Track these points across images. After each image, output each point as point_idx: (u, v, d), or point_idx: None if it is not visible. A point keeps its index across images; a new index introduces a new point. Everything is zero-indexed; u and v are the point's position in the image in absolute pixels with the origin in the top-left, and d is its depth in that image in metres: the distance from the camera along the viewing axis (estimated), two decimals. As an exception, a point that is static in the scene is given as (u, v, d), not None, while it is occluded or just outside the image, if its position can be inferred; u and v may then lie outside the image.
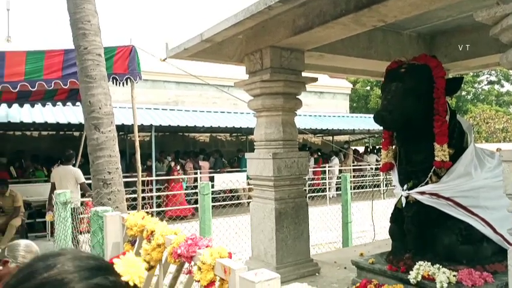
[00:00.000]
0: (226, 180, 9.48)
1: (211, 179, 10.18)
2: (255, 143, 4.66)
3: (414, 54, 3.95)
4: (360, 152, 17.16)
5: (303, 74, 4.58)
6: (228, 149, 15.44)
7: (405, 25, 4.73)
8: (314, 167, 13.23)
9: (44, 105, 8.91)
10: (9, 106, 8.76)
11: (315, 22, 3.59)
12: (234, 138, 16.23)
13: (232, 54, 4.79)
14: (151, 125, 10.47)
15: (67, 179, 6.83)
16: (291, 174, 4.36)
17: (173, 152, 12.62)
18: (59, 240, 3.57)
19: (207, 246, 1.75)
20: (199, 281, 1.63)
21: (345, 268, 4.49)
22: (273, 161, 4.22)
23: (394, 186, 3.89)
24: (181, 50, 4.52)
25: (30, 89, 6.12)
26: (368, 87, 28.87)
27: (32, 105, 8.98)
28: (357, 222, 7.25)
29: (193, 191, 10.90)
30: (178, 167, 10.79)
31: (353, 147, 18.42)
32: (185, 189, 11.21)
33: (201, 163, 11.88)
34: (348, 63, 5.28)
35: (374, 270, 3.66)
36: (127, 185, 6.25)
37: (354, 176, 13.40)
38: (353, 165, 14.64)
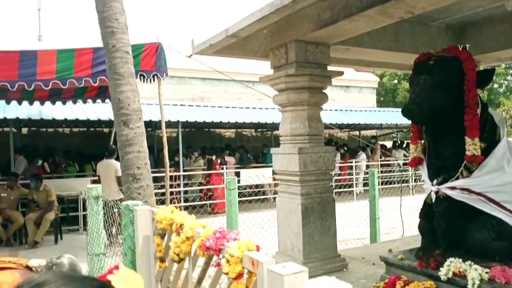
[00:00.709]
0: (252, 175, 9.52)
1: (237, 175, 10.25)
2: (280, 138, 4.66)
3: (443, 46, 3.84)
4: (388, 147, 16.87)
5: (329, 68, 4.54)
6: (253, 144, 15.49)
7: (433, 16, 4.61)
8: (341, 163, 13.11)
9: (75, 102, 9.19)
10: (42, 104, 9.08)
11: (340, 15, 3.55)
12: (259, 134, 16.25)
13: (257, 49, 4.79)
14: (178, 121, 10.62)
15: (109, 172, 7.28)
16: (317, 169, 4.34)
17: (200, 147, 12.76)
18: (92, 233, 3.68)
19: (234, 239, 1.77)
20: (227, 274, 1.66)
21: (373, 264, 4.44)
22: (299, 156, 4.21)
23: (423, 181, 3.81)
24: (207, 46, 4.55)
25: (62, 86, 6.32)
26: (396, 81, 28.28)
27: (64, 103, 9.27)
28: (385, 218, 7.15)
29: (220, 186, 11.01)
30: (219, 161, 11.00)
31: (381, 142, 18.14)
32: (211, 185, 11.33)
33: (227, 158, 11.98)
34: (375, 56, 5.20)
35: (403, 266, 3.61)
36: (155, 180, 6.37)
37: (381, 172, 13.20)
38: (381, 161, 14.41)
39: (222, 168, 11.21)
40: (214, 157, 11.86)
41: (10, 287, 2.30)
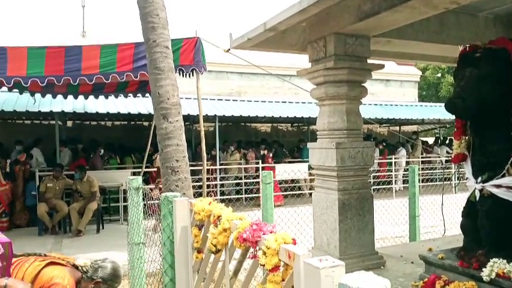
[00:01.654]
0: (288, 170, 9.49)
1: (272, 169, 10.26)
2: (317, 133, 4.62)
3: (491, 38, 3.67)
4: (430, 143, 16.33)
5: (369, 61, 4.44)
6: (288, 139, 15.44)
7: (480, 6, 4.39)
8: (380, 159, 12.83)
9: (116, 96, 9.49)
10: (86, 98, 9.43)
11: (382, 6, 3.45)
12: (295, 128, 16.17)
13: (294, 43, 4.75)
14: (215, 115, 10.74)
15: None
16: (355, 165, 4.27)
17: (236, 141, 12.87)
18: (132, 223, 3.80)
19: (271, 232, 1.78)
20: (263, 265, 1.66)
21: (412, 263, 4.33)
22: (336, 151, 4.16)
23: (467, 179, 3.67)
24: (245, 40, 4.57)
25: (105, 81, 6.54)
26: (439, 74, 27.24)
27: (106, 97, 9.60)
28: (425, 216, 6.94)
29: (255, 180, 11.08)
30: (271, 154, 11.13)
31: (422, 138, 17.59)
32: (247, 179, 11.43)
33: (263, 152, 12.00)
34: (418, 48, 5.02)
35: (444, 266, 3.50)
36: (192, 173, 6.50)
37: (422, 169, 12.83)
38: (422, 157, 13.98)
39: (258, 163, 11.27)
40: (250, 151, 11.94)
41: (61, 281, 2.45)
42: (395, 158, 12.83)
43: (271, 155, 11.36)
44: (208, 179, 9.11)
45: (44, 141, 10.34)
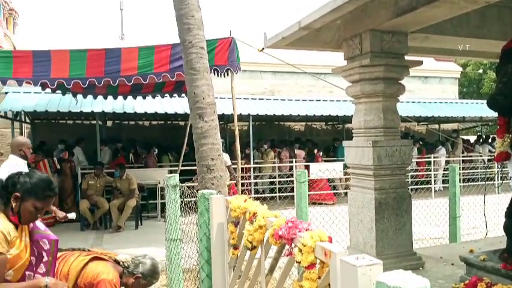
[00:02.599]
0: (322, 169, 9.42)
1: (306, 168, 10.21)
2: (353, 131, 4.56)
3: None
4: (471, 141, 15.73)
5: (406, 57, 4.34)
6: (323, 137, 15.30)
7: (526, -1, 4.20)
8: (418, 157, 12.49)
9: (154, 96, 9.73)
10: (125, 98, 9.73)
11: (420, 1, 3.37)
12: (330, 127, 16.00)
13: (329, 41, 4.71)
14: (249, 114, 10.81)
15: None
16: (393, 164, 4.19)
17: (269, 140, 12.89)
18: (169, 220, 3.89)
19: (306, 230, 1.78)
20: (299, 263, 1.67)
21: (452, 264, 4.20)
22: (373, 149, 4.09)
23: (510, 178, 3.52)
24: (279, 39, 4.57)
25: (143, 81, 6.73)
26: (481, 70, 26.19)
27: (144, 97, 9.87)
28: (466, 217, 6.71)
29: (289, 179, 11.06)
30: (321, 153, 11.19)
31: (463, 137, 16.97)
32: (281, 177, 11.43)
33: (297, 151, 11.97)
34: (458, 44, 4.86)
35: (486, 268, 3.38)
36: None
37: (463, 168, 12.38)
38: (462, 156, 13.49)
39: (291, 162, 11.24)
40: (284, 150, 11.92)
41: (107, 277, 2.58)
42: (434, 157, 12.44)
43: (320, 153, 11.41)
44: (242, 178, 9.20)
45: (85, 141, 10.76)
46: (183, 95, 8.80)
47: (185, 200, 4.11)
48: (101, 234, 7.91)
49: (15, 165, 4.35)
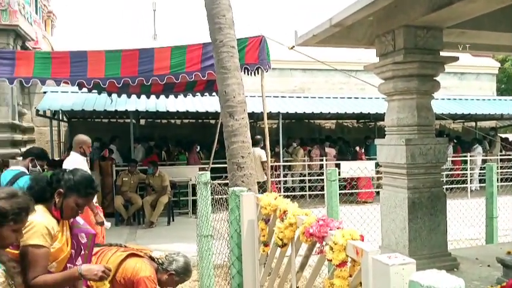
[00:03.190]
0: (354, 168, 9.30)
1: (337, 166, 10.11)
2: (385, 129, 4.49)
3: None
4: (511, 140, 15.10)
5: (441, 53, 4.23)
6: (354, 136, 15.08)
7: None
8: (454, 156, 12.12)
9: (185, 95, 9.88)
10: (157, 97, 9.93)
11: (456, -5, 3.28)
12: (362, 125, 15.75)
13: (361, 37, 4.65)
14: (279, 112, 10.79)
15: (255, 158, 7.96)
16: (427, 162, 4.09)
17: (299, 138, 12.82)
18: (201, 216, 3.95)
19: (338, 228, 1.78)
20: (330, 260, 1.67)
21: (488, 266, 4.08)
22: (406, 148, 4.02)
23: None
24: (310, 37, 4.55)
25: (175, 81, 6.84)
26: (520, 66, 25.09)
27: (176, 96, 10.03)
28: (503, 218, 6.46)
29: (320, 177, 10.98)
30: (363, 150, 11.18)
31: (501, 135, 16.32)
32: (311, 176, 11.37)
33: (327, 150, 11.86)
34: (495, 39, 4.68)
35: (525, 270, 3.26)
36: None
37: (501, 167, 11.90)
38: (500, 155, 12.98)
39: (321, 160, 11.16)
40: (314, 148, 11.84)
41: (145, 274, 2.67)
42: (470, 156, 12.04)
43: (363, 150, 11.36)
44: (271, 176, 9.21)
45: (119, 139, 11.05)
46: (214, 93, 8.89)
47: (216, 197, 4.16)
48: (134, 229, 8.12)
49: (74, 161, 4.63)
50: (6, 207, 1.80)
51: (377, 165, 8.94)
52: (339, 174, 7.33)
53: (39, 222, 2.08)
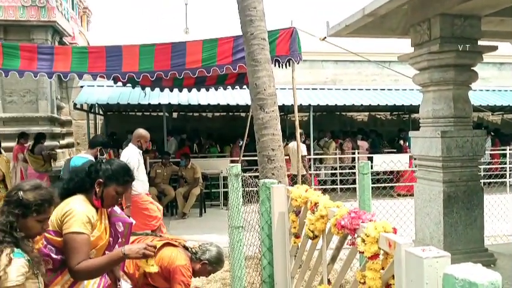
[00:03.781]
0: (387, 161, 9.13)
1: (370, 159, 9.95)
2: (420, 121, 4.38)
3: None
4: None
5: (479, 42, 4.07)
6: (387, 128, 14.78)
7: None
8: (492, 149, 11.67)
9: (216, 89, 9.96)
10: (189, 91, 10.06)
11: (496, -19, 3.14)
12: (395, 117, 15.41)
13: (395, 27, 4.55)
14: (309, 105, 10.71)
15: (293, 152, 8.44)
16: (463, 155, 3.97)
17: (330, 131, 12.69)
18: (232, 208, 4.00)
19: (370, 220, 1.76)
20: (362, 253, 1.66)
21: (528, 263, 3.93)
22: (442, 140, 3.91)
23: None
24: (342, 27, 4.49)
25: (206, 74, 6.90)
26: None
27: (207, 89, 10.13)
28: (545, 214, 6.21)
29: (352, 170, 10.84)
30: (407, 144, 11.10)
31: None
32: (342, 169, 11.25)
33: (359, 142, 11.69)
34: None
35: None
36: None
37: (543, 161, 11.36)
38: (543, 148, 12.38)
39: (354, 153, 11.01)
40: (347, 141, 11.69)
41: (181, 263, 2.75)
42: (509, 149, 11.56)
43: (407, 144, 11.25)
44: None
45: (152, 131, 11.27)
46: (244, 86, 8.92)
47: (246, 189, 4.19)
48: (167, 220, 8.30)
49: (130, 152, 5.10)
50: (29, 199, 1.90)
51: (411, 158, 8.75)
52: (371, 168, 7.22)
53: (80, 211, 2.17)
